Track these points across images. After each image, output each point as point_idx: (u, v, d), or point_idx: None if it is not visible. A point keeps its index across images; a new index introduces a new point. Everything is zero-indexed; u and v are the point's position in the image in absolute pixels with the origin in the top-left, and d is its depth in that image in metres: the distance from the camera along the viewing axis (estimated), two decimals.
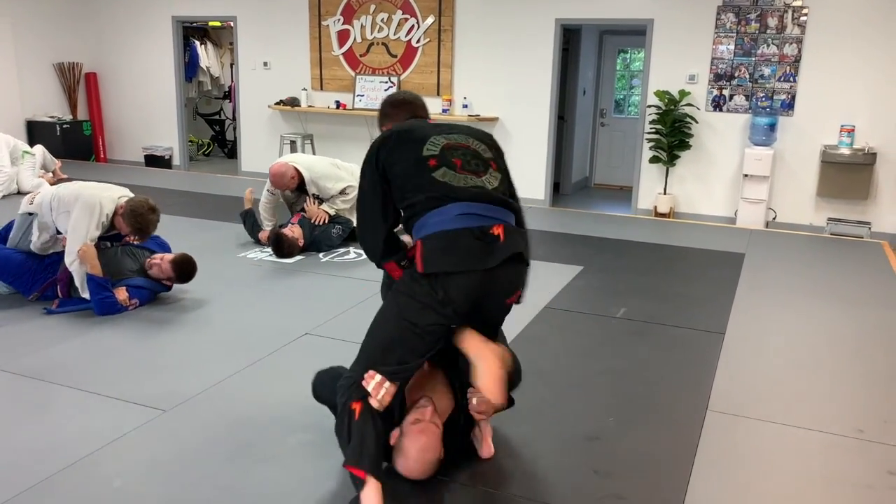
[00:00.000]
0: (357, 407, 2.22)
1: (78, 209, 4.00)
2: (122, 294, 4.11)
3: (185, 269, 4.31)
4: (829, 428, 3.01)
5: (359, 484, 2.19)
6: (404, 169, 2.34)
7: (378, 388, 2.20)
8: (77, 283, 4.04)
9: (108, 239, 4.29)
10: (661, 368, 3.54)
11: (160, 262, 4.27)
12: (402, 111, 2.69)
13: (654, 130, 7.73)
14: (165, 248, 4.58)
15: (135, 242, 4.40)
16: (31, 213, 4.22)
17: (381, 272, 2.64)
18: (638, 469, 2.64)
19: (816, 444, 2.89)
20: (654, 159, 7.82)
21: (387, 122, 2.70)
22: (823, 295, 4.81)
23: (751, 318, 4.30)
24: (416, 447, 2.35)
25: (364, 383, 2.22)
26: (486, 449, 2.61)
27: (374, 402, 2.20)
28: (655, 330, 4.03)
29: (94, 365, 3.43)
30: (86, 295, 4.02)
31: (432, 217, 2.25)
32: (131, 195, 4.22)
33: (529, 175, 8.43)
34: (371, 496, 2.16)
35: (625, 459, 2.71)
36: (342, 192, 5.61)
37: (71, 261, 4.00)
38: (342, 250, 5.55)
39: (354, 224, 5.72)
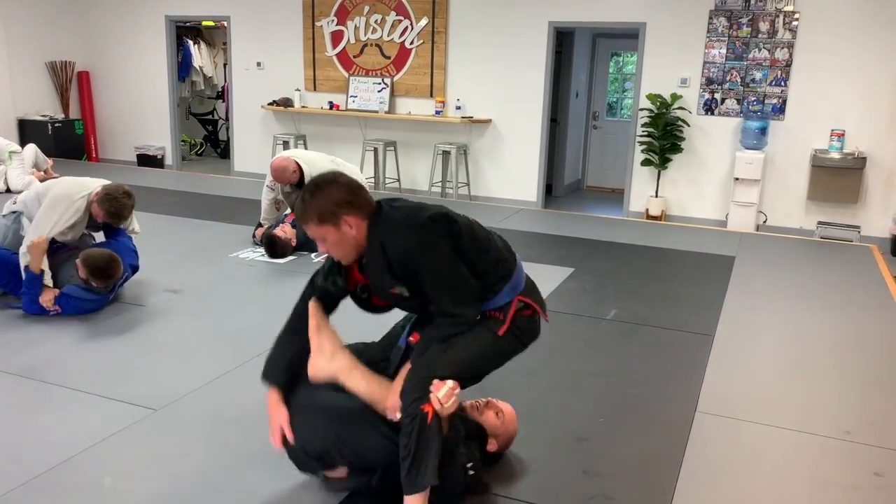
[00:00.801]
0: (430, 410, 2.11)
1: (46, 202, 4.02)
2: (47, 296, 3.93)
3: (94, 265, 3.95)
4: (816, 429, 3.03)
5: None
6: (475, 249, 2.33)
7: (449, 395, 2.13)
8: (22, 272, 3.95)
9: (95, 229, 4.30)
10: (650, 370, 3.56)
11: (76, 265, 4.02)
12: (365, 196, 2.25)
13: (646, 133, 7.76)
14: (129, 251, 4.35)
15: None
16: (14, 213, 4.21)
17: None
18: (627, 469, 2.66)
19: (804, 445, 2.92)
20: (645, 162, 7.86)
21: (355, 212, 2.19)
22: (813, 298, 4.84)
23: (740, 321, 4.33)
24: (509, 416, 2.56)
25: (434, 388, 2.12)
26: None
27: (440, 408, 2.11)
28: (645, 332, 4.06)
29: (85, 364, 3.43)
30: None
31: (519, 275, 2.41)
32: (113, 183, 4.18)
33: (522, 177, 8.46)
34: None
35: (614, 460, 2.73)
36: None
37: (23, 251, 3.94)
38: None
39: None
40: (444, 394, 2.11)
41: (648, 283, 5.08)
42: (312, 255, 5.43)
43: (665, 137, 7.64)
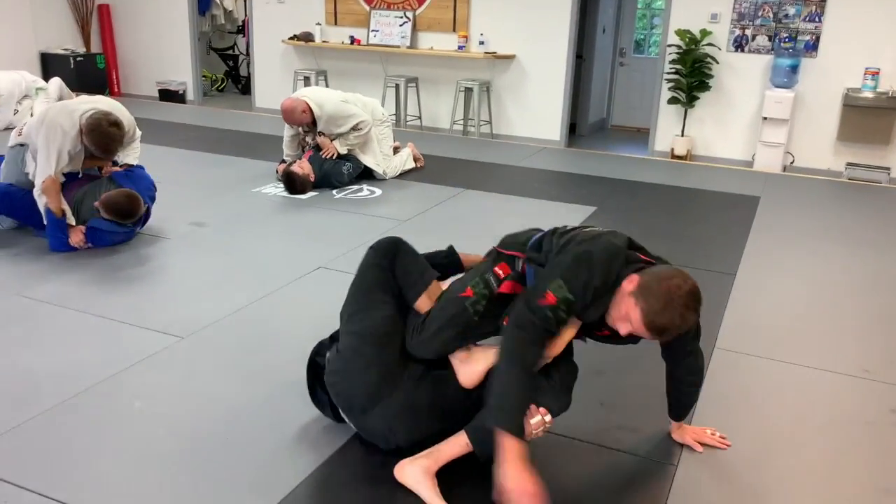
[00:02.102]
0: None
1: (41, 137, 3.87)
2: (76, 237, 3.96)
3: (115, 208, 3.98)
4: (835, 367, 3.04)
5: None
6: None
7: (539, 425, 2.14)
8: (42, 212, 3.94)
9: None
10: None
11: (100, 207, 4.02)
12: None
13: (673, 71, 7.59)
14: (144, 182, 4.30)
15: (112, 171, 4.24)
16: (22, 145, 4.11)
17: (394, 208, 2.60)
18: (643, 401, 2.69)
19: (822, 382, 2.93)
20: (672, 100, 7.71)
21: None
22: (836, 239, 4.79)
23: (762, 260, 4.30)
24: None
25: (531, 413, 2.11)
26: None
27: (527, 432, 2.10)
28: None
29: (111, 292, 3.50)
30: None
31: None
32: (96, 109, 3.93)
33: (545, 115, 8.34)
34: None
35: (630, 392, 2.77)
36: (354, 128, 5.57)
37: (38, 193, 3.90)
38: (355, 187, 5.56)
39: (366, 164, 5.72)
40: (535, 422, 2.12)
41: (671, 222, 5.05)
42: (334, 191, 5.44)
43: (693, 75, 7.46)
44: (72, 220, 4.00)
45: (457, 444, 2.20)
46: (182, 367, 2.84)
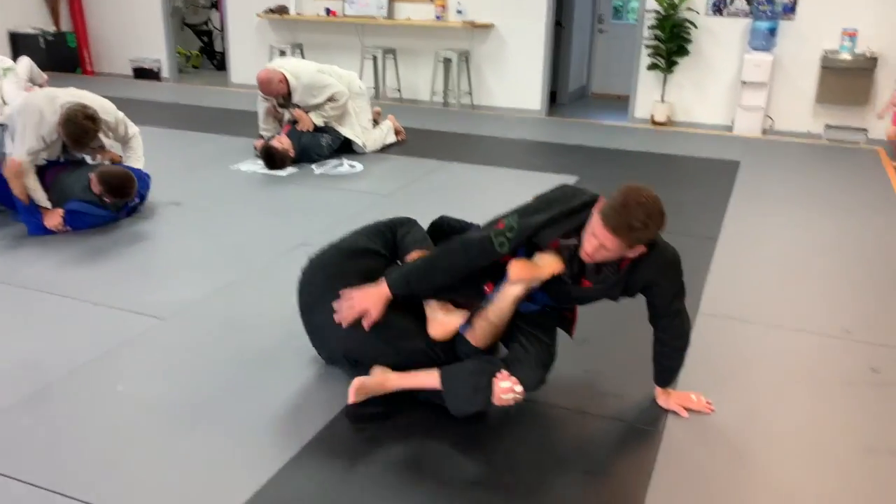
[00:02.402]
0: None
1: (20, 119, 3.82)
2: (54, 219, 3.91)
3: (110, 181, 3.95)
4: (816, 329, 3.07)
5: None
6: None
7: (508, 392, 2.21)
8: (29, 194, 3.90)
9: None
10: None
11: (94, 177, 4.00)
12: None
13: (653, 37, 7.55)
14: (143, 184, 4.29)
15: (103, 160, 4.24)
16: (2, 125, 4.04)
17: (371, 185, 2.66)
18: (628, 369, 2.71)
19: (804, 343, 2.96)
20: (652, 66, 7.68)
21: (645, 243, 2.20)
22: (817, 202, 4.82)
23: (743, 225, 4.32)
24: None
25: (499, 378, 2.22)
26: None
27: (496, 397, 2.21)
28: None
29: (91, 275, 3.46)
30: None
31: None
32: (76, 101, 3.89)
33: (525, 84, 8.29)
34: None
35: (615, 360, 2.78)
36: (330, 99, 5.50)
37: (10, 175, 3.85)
38: (335, 162, 5.50)
39: (345, 136, 5.66)
40: (505, 387, 2.20)
41: (653, 189, 5.05)
42: (313, 165, 5.39)
43: (672, 40, 7.43)
44: (45, 204, 3.94)
45: (425, 378, 2.32)
46: (164, 348, 2.82)
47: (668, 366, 2.44)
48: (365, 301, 2.33)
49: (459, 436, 2.33)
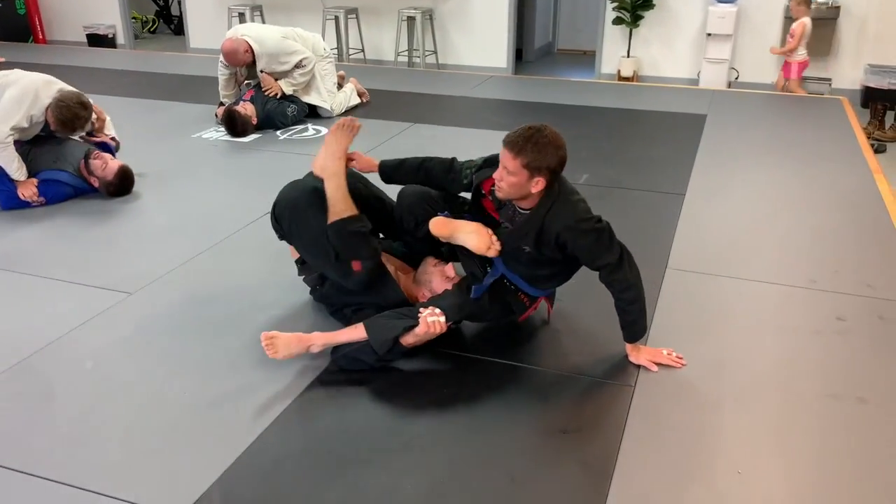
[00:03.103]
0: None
1: (11, 91, 3.77)
2: (28, 189, 3.85)
3: (125, 179, 4.02)
4: (783, 280, 3.12)
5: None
6: None
7: (429, 327, 2.36)
8: (3, 164, 3.82)
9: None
10: (622, 231, 3.54)
11: (107, 161, 3.99)
12: (561, 169, 2.39)
13: None
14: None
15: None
16: None
17: None
18: (597, 327, 2.73)
19: (771, 294, 3.01)
20: (617, 21, 7.63)
21: (548, 178, 2.32)
22: (782, 153, 4.86)
23: (710, 179, 4.35)
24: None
25: (427, 314, 2.38)
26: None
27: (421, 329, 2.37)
28: (617, 193, 4.07)
29: (54, 252, 3.39)
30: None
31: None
32: (75, 91, 3.92)
33: (491, 42, 8.20)
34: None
35: (584, 319, 2.80)
36: (298, 66, 5.38)
37: None
38: (300, 127, 5.41)
39: (313, 102, 5.55)
40: (430, 321, 2.35)
41: (620, 145, 5.05)
42: (278, 132, 5.30)
43: None
44: (18, 176, 3.84)
45: (351, 332, 2.43)
46: (132, 323, 2.78)
47: (628, 320, 2.46)
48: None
49: (434, 398, 2.34)
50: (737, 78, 7.50)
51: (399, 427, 2.20)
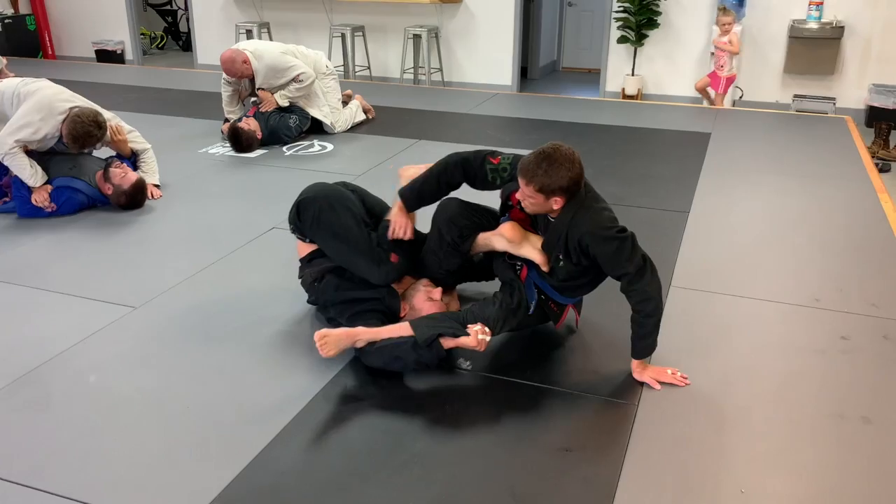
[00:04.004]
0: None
1: (30, 103, 3.82)
2: (40, 195, 3.89)
3: (139, 192, 4.08)
4: (787, 298, 3.11)
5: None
6: None
7: (475, 339, 2.42)
8: (16, 173, 3.88)
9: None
10: None
11: (126, 171, 4.06)
12: (580, 183, 2.46)
13: (622, 9, 7.54)
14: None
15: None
16: None
17: (347, 163, 2.73)
18: (601, 345, 2.73)
19: (775, 313, 3.00)
20: (622, 39, 7.68)
21: (565, 196, 2.41)
22: (786, 172, 4.86)
23: (715, 197, 4.35)
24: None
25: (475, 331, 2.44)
26: None
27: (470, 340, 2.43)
28: (621, 211, 4.02)
29: (60, 265, 3.40)
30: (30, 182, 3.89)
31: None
32: (88, 107, 3.97)
33: (496, 60, 8.25)
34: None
35: (589, 337, 2.80)
36: (295, 80, 5.41)
37: (3, 153, 3.81)
38: (306, 143, 5.45)
39: (314, 115, 5.58)
40: (480, 339, 2.41)
41: (624, 163, 5.06)
42: (284, 147, 5.33)
43: (641, 13, 7.43)
44: (34, 182, 3.88)
45: (394, 328, 2.49)
46: (136, 336, 2.78)
47: (640, 334, 2.46)
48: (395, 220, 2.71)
49: (436, 415, 2.33)
50: (741, 97, 7.52)
51: (401, 443, 2.20)
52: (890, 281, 3.28)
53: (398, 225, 2.69)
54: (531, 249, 2.55)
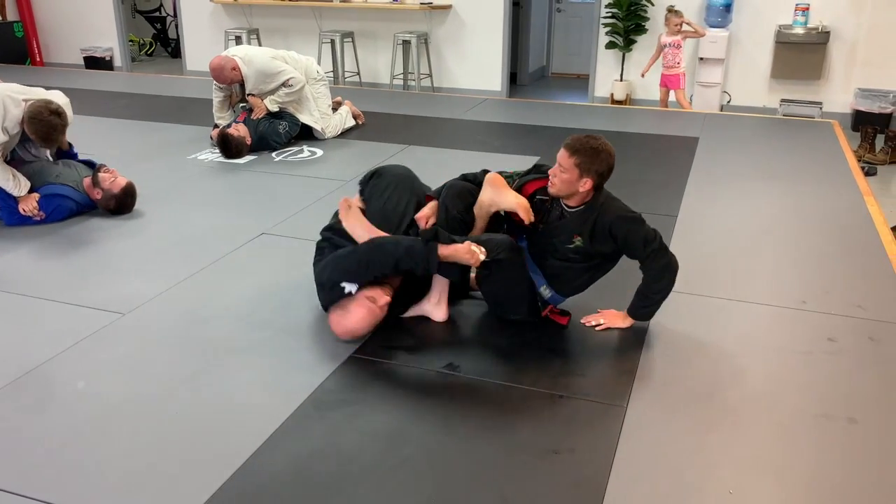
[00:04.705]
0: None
1: None
2: (28, 204, 3.86)
3: (129, 196, 4.05)
4: (774, 301, 3.13)
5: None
6: None
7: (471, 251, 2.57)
8: None
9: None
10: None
11: (116, 176, 4.03)
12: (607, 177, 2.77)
13: (610, 15, 7.59)
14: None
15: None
16: None
17: (337, 169, 2.77)
18: (590, 347, 2.74)
19: (762, 316, 3.02)
20: (610, 45, 7.72)
21: (597, 182, 2.70)
22: (773, 176, 4.90)
23: (703, 201, 4.38)
24: (352, 315, 2.68)
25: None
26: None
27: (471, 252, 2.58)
28: None
29: (47, 272, 3.39)
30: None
31: None
32: (43, 97, 3.82)
33: (485, 65, 8.28)
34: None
35: (577, 339, 2.81)
36: (284, 85, 5.41)
37: None
38: (295, 148, 5.45)
39: (304, 120, 5.59)
40: (473, 249, 2.56)
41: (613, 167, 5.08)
42: (273, 153, 5.33)
43: (629, 18, 7.48)
44: (18, 192, 3.85)
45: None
46: (125, 343, 2.77)
47: (645, 303, 2.75)
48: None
49: (425, 418, 2.34)
50: (729, 101, 7.57)
51: (390, 447, 2.20)
52: (875, 283, 3.31)
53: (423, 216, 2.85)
54: (512, 197, 2.74)
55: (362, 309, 2.66)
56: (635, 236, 2.65)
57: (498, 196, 2.78)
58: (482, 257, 2.56)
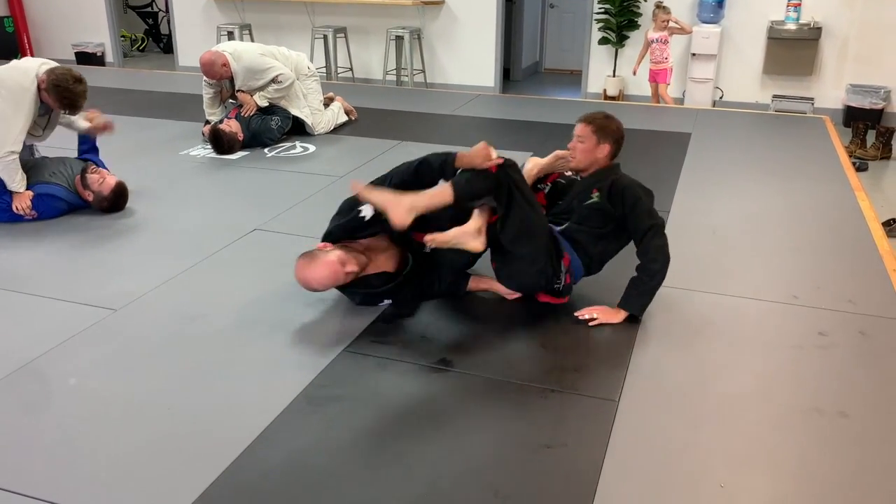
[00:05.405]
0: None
1: (3, 105, 3.72)
2: (22, 202, 3.84)
3: (120, 196, 4.04)
4: (765, 295, 3.15)
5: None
6: None
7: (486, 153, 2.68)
8: (4, 177, 3.82)
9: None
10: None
11: (104, 177, 4.02)
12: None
13: (602, 10, 7.59)
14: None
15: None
16: None
17: (329, 164, 2.73)
18: (582, 343, 2.75)
19: (753, 310, 3.04)
20: (603, 41, 7.73)
21: (613, 148, 2.97)
22: (765, 171, 4.92)
23: (695, 196, 4.39)
24: (316, 268, 2.72)
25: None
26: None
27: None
28: None
29: (39, 270, 3.38)
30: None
31: None
32: (51, 65, 3.85)
33: (478, 61, 8.27)
34: None
35: (569, 334, 2.81)
36: (274, 81, 5.40)
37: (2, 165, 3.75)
38: (287, 144, 5.44)
39: (295, 114, 5.57)
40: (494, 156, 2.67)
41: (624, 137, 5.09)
42: (265, 149, 5.31)
43: (622, 14, 7.48)
44: (18, 188, 3.83)
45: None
46: (117, 340, 2.77)
47: (639, 291, 2.80)
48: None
49: (418, 413, 2.34)
50: (721, 97, 7.59)
51: (383, 442, 2.20)
52: (866, 278, 3.33)
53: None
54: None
55: (327, 268, 2.70)
56: (643, 207, 2.83)
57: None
58: (494, 155, 2.66)
